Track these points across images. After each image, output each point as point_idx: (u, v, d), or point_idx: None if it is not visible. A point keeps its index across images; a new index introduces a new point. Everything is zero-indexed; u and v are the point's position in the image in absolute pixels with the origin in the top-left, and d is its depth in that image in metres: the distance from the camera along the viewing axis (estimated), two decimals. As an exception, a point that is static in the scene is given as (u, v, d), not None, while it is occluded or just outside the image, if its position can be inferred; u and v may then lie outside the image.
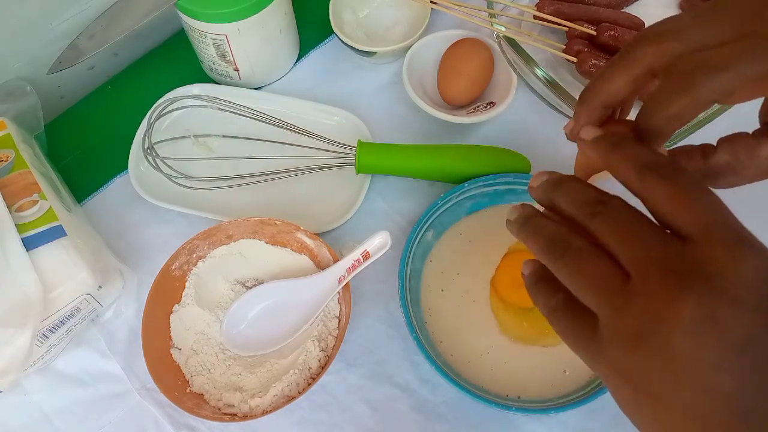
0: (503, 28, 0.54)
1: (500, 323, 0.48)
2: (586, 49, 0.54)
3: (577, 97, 0.52)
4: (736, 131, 0.30)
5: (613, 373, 0.24)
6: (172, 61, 0.63)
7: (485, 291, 0.49)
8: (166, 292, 0.47)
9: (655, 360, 0.22)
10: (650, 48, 0.27)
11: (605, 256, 0.24)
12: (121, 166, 0.55)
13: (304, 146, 0.53)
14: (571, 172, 0.32)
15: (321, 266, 0.49)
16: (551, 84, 0.52)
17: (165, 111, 0.55)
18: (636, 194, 0.25)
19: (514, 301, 0.49)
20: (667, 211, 0.24)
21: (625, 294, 0.23)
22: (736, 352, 0.21)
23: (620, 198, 0.26)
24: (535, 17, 0.56)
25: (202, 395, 0.45)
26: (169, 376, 0.45)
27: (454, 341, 0.48)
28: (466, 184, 0.51)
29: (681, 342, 0.21)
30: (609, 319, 0.23)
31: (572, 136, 0.31)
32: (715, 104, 0.37)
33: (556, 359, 0.46)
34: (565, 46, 0.55)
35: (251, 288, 0.48)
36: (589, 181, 0.31)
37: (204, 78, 0.61)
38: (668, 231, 0.24)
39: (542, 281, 0.28)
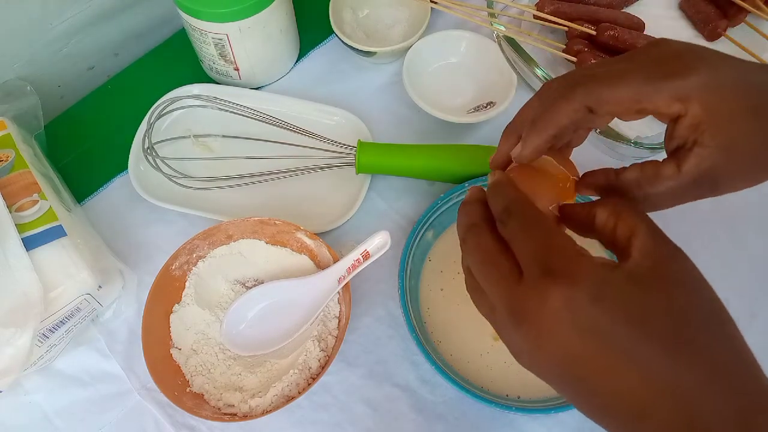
0: (503, 28, 0.54)
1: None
2: (586, 49, 0.54)
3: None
4: None
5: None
6: (172, 61, 0.63)
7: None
8: (166, 292, 0.47)
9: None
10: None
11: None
12: (121, 166, 0.55)
13: (304, 146, 0.53)
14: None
15: (321, 266, 0.49)
16: (551, 84, 0.52)
17: (165, 111, 0.55)
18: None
19: None
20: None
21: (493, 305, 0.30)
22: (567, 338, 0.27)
23: (482, 226, 0.31)
24: (535, 17, 0.56)
25: (202, 395, 0.45)
26: (169, 376, 0.45)
27: (454, 341, 0.48)
28: (466, 184, 0.51)
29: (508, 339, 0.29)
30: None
31: (517, 158, 0.34)
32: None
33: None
34: (565, 46, 0.55)
35: (251, 288, 0.48)
36: None
37: (204, 78, 0.61)
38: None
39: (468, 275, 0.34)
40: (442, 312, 0.49)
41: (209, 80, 0.60)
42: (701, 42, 0.59)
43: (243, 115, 0.54)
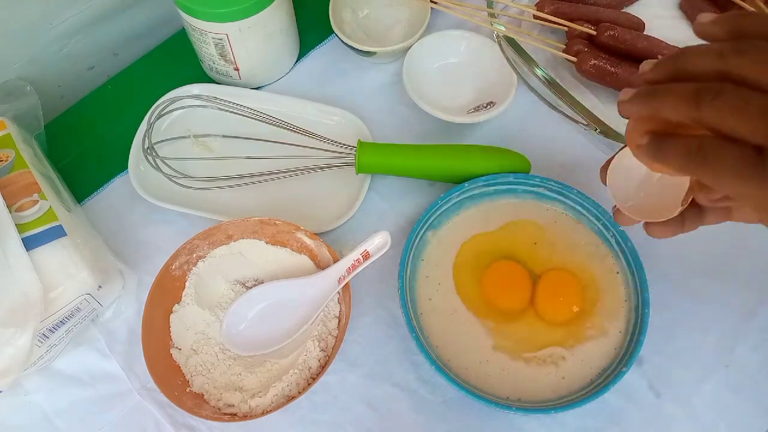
0: (503, 28, 0.54)
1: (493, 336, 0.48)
2: (585, 49, 0.54)
3: (576, 97, 0.52)
4: None
5: None
6: (172, 61, 0.63)
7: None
8: (166, 292, 0.47)
9: None
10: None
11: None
12: (121, 166, 0.55)
13: (304, 146, 0.53)
14: (570, 172, 0.33)
15: (321, 266, 0.49)
16: (551, 84, 0.52)
17: (165, 111, 0.55)
18: (699, 119, 0.26)
19: (506, 304, 0.48)
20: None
21: None
22: None
23: None
24: (534, 17, 0.56)
25: (202, 395, 0.45)
26: (169, 376, 0.45)
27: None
28: (466, 184, 0.51)
29: None
30: None
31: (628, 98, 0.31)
32: None
33: (553, 368, 0.46)
34: (565, 46, 0.55)
35: (251, 288, 0.48)
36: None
37: (204, 78, 0.61)
38: None
39: (670, 137, 0.29)
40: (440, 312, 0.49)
41: (209, 80, 0.60)
42: (701, 42, 0.59)
43: (243, 115, 0.54)
